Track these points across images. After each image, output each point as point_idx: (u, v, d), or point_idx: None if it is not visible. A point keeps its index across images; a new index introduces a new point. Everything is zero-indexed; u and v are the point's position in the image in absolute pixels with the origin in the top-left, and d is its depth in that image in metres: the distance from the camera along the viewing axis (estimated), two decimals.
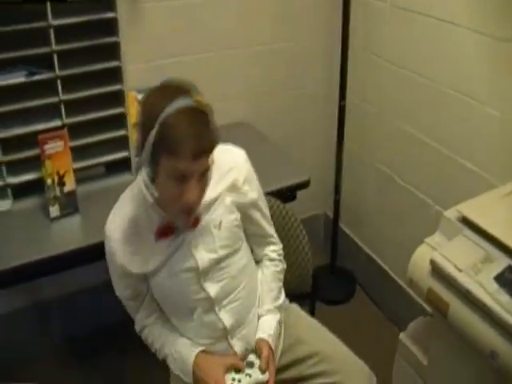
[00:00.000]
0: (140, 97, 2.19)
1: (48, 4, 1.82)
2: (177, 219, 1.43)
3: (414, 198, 2.43)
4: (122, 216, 1.51)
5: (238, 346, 1.60)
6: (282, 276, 1.76)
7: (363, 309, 2.82)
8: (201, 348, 1.57)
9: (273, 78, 2.66)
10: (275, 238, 1.76)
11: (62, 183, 1.89)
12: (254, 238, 1.70)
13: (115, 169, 2.14)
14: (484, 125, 1.99)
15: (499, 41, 1.85)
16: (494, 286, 1.31)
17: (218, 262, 1.54)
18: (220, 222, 1.53)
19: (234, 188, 1.56)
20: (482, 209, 1.53)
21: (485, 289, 1.31)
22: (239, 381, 1.51)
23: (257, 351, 1.59)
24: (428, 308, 1.60)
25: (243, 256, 1.62)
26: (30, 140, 1.88)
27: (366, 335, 2.54)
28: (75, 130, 1.98)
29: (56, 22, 1.86)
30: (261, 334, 1.62)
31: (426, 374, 1.66)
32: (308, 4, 2.60)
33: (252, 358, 1.58)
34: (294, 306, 1.84)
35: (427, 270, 1.47)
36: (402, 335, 1.76)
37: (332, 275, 2.97)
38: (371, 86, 2.58)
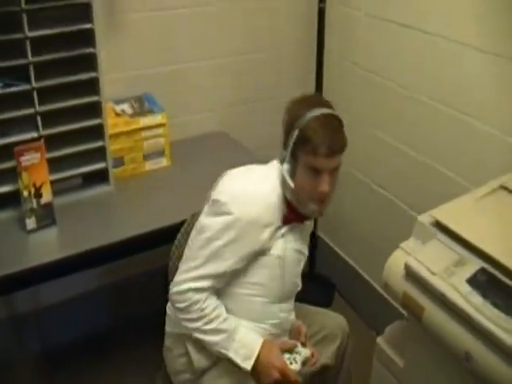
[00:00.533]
0: (117, 108, 2.21)
1: (24, 15, 1.82)
2: (310, 207, 1.58)
3: (389, 204, 2.46)
4: (266, 204, 1.58)
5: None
6: None
7: (342, 314, 2.83)
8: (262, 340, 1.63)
9: (248, 87, 2.68)
10: None
11: (38, 195, 1.88)
12: None
13: (92, 180, 2.13)
14: (457, 131, 2.03)
15: (474, 49, 1.90)
16: (467, 288, 1.33)
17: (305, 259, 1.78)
18: (308, 232, 1.82)
19: None
20: (455, 213, 1.56)
21: (458, 291, 1.33)
22: (294, 359, 1.64)
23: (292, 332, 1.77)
24: (404, 312, 1.62)
25: None
26: (6, 152, 1.86)
27: None
28: (52, 142, 1.97)
29: (32, 34, 1.86)
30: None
31: (403, 377, 1.67)
32: (283, 13, 2.63)
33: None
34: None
35: (402, 275, 1.49)
36: (378, 339, 1.77)
37: (310, 282, 2.97)
38: (347, 93, 2.62)
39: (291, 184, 1.56)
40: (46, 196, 1.90)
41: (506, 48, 1.79)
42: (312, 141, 1.50)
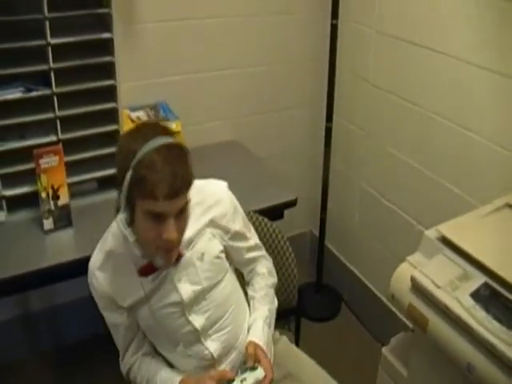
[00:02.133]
0: (133, 115, 2.26)
1: (47, 23, 1.87)
2: (157, 259, 1.41)
3: (397, 218, 2.49)
4: (105, 251, 1.52)
5: (235, 362, 1.63)
6: (272, 290, 1.78)
7: (348, 325, 2.87)
8: (184, 375, 1.56)
9: (262, 98, 2.73)
10: (264, 255, 1.79)
11: (56, 197, 1.92)
12: (241, 264, 1.74)
13: (107, 184, 2.17)
14: (467, 149, 2.06)
15: (479, 67, 1.93)
16: (470, 301, 1.36)
17: (203, 293, 1.55)
18: (202, 254, 1.54)
19: (216, 223, 1.58)
20: (461, 229, 1.59)
21: (461, 305, 1.36)
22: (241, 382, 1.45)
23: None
24: (409, 323, 1.66)
25: (227, 284, 1.63)
26: (26, 154, 1.91)
27: (350, 351, 2.59)
28: (70, 146, 2.01)
29: (54, 41, 1.91)
30: (254, 339, 1.61)
31: None
32: (297, 27, 2.68)
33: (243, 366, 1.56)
34: (285, 339, 1.85)
35: (408, 287, 1.52)
36: (384, 349, 1.81)
37: (318, 293, 3.01)
38: (358, 108, 2.65)
39: (130, 237, 1.38)
40: (63, 198, 1.94)
41: None
42: (148, 181, 1.25)
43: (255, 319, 1.68)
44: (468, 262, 1.47)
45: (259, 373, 1.48)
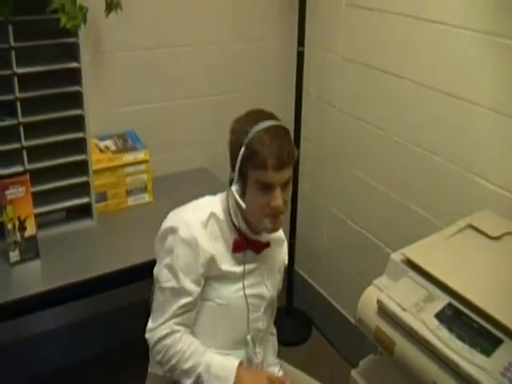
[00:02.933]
0: (101, 144, 2.27)
1: (13, 53, 1.87)
2: (266, 223, 1.52)
3: (365, 241, 2.53)
4: (210, 211, 1.57)
5: None
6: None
7: (319, 349, 2.88)
8: (238, 361, 1.54)
9: (229, 125, 2.74)
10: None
11: (22, 228, 1.90)
12: None
13: (76, 214, 2.16)
14: (432, 172, 2.11)
15: (441, 92, 2.00)
16: (435, 322, 1.39)
17: (273, 300, 1.73)
18: (280, 268, 1.76)
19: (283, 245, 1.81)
20: (425, 251, 1.62)
21: (426, 326, 1.39)
22: None
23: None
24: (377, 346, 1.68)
25: None
26: None
27: (322, 374, 2.57)
28: (37, 176, 2.00)
29: (20, 70, 1.90)
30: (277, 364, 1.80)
31: None
32: (265, 54, 2.73)
33: None
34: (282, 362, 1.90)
35: (374, 310, 1.54)
36: (353, 372, 1.81)
37: (288, 317, 3.02)
38: (325, 133, 2.70)
39: (243, 204, 1.51)
40: (30, 229, 1.92)
41: (475, 95, 1.90)
42: (260, 154, 1.44)
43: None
44: (432, 283, 1.50)
45: None
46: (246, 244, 1.59)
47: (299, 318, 3.04)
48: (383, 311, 1.51)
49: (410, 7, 2.06)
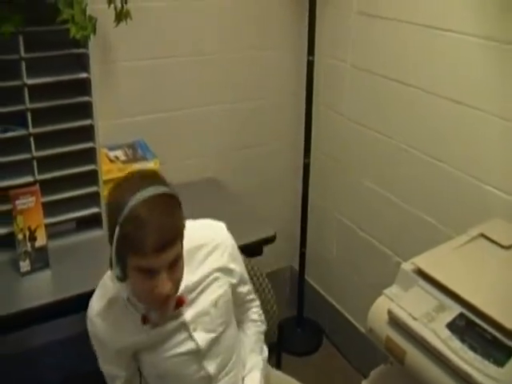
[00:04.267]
0: (111, 154, 2.28)
1: (23, 63, 1.88)
2: (152, 314, 1.41)
3: (374, 250, 2.52)
4: (107, 298, 1.48)
5: None
6: (263, 336, 1.79)
7: (330, 358, 2.86)
8: None
9: (239, 134, 2.76)
10: (254, 297, 1.79)
11: (33, 238, 1.90)
12: (237, 304, 1.70)
13: (86, 225, 2.16)
14: (441, 180, 2.10)
15: (449, 100, 1.99)
16: (447, 332, 1.38)
17: (216, 339, 1.55)
18: (216, 302, 1.54)
19: (222, 268, 1.57)
20: (436, 261, 1.61)
21: (438, 336, 1.38)
22: None
23: None
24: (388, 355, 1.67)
25: (234, 326, 1.67)
26: (2, 195, 1.89)
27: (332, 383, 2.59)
28: (47, 186, 2.00)
29: (30, 81, 1.91)
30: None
31: None
32: (273, 63, 2.73)
33: None
34: (280, 374, 1.89)
35: (385, 320, 1.53)
36: (364, 382, 1.81)
37: (299, 326, 3.01)
38: (334, 142, 2.70)
39: (123, 293, 1.39)
40: (41, 239, 1.92)
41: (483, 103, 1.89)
42: (134, 238, 1.22)
43: (252, 368, 1.69)
44: (443, 293, 1.49)
45: None
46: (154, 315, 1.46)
47: (310, 328, 3.02)
48: (394, 321, 1.50)
49: (420, 16, 2.06)
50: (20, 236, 1.89)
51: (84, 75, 2.02)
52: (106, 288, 1.48)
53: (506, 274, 1.57)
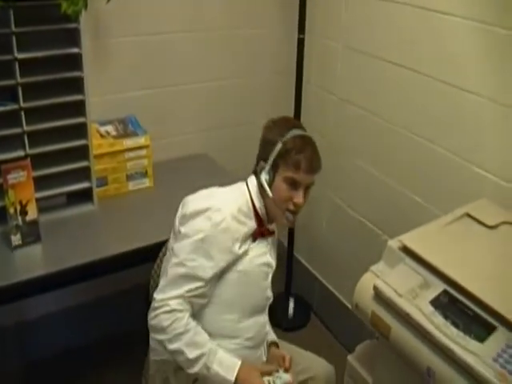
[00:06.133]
0: (102, 129, 2.28)
1: (14, 38, 1.87)
2: (286, 216, 1.70)
3: (363, 228, 2.54)
4: (237, 207, 1.66)
5: (265, 351, 1.84)
6: None
7: (317, 334, 2.91)
8: (240, 361, 1.62)
9: (230, 112, 2.77)
10: None
11: (24, 212, 1.92)
12: None
13: (77, 199, 2.18)
14: (430, 161, 2.12)
15: (442, 82, 2.00)
16: (430, 309, 1.41)
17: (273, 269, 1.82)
18: (274, 244, 1.85)
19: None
20: (422, 239, 1.64)
21: (422, 312, 1.41)
22: (274, 382, 1.66)
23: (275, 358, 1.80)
24: (373, 331, 1.70)
25: None
26: None
27: None
28: (38, 160, 2.01)
29: (21, 56, 1.90)
30: (276, 339, 1.91)
31: None
32: (264, 41, 2.73)
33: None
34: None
35: (371, 296, 1.57)
36: (349, 357, 1.85)
37: (288, 302, 3.05)
38: (325, 121, 2.70)
39: (269, 193, 1.66)
40: (32, 213, 1.93)
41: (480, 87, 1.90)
42: (296, 156, 1.62)
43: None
44: (428, 270, 1.53)
45: (289, 377, 1.68)
46: (261, 232, 1.72)
47: (298, 304, 3.06)
48: (379, 297, 1.54)
49: None
50: (11, 210, 1.90)
51: (75, 50, 2.01)
52: (235, 197, 1.72)
53: (489, 253, 1.60)
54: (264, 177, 1.68)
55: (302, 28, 2.51)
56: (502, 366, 1.26)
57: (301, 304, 3.06)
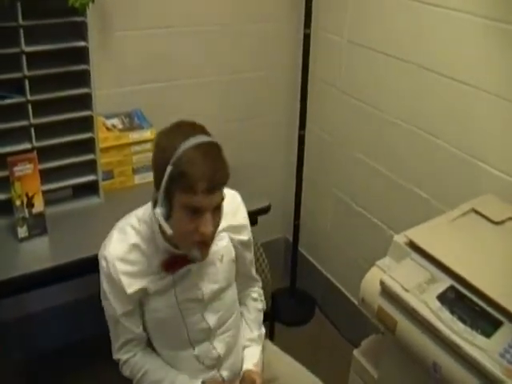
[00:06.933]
0: (108, 122, 2.28)
1: (21, 31, 1.87)
2: (194, 252, 1.46)
3: (368, 223, 2.55)
4: (129, 244, 1.53)
5: (225, 375, 1.68)
6: (262, 314, 1.86)
7: (322, 329, 2.91)
8: (200, 380, 1.62)
9: (236, 106, 2.76)
10: (257, 278, 1.87)
11: (30, 205, 1.92)
12: (241, 277, 1.78)
13: (83, 192, 2.18)
14: (435, 156, 2.12)
15: (444, 76, 2.01)
16: (437, 304, 1.42)
17: (218, 293, 1.63)
18: (222, 256, 1.62)
19: (233, 230, 1.66)
20: (429, 234, 1.65)
21: (428, 307, 1.41)
22: None
23: (245, 381, 1.67)
24: (379, 326, 1.71)
25: (234, 289, 1.73)
26: (0, 162, 1.90)
27: (324, 354, 2.63)
28: (44, 153, 2.01)
29: (28, 49, 1.90)
30: (249, 365, 1.71)
31: None
32: (270, 36, 2.72)
33: None
34: (268, 343, 1.92)
35: (377, 291, 1.57)
36: (355, 351, 1.85)
37: (292, 297, 3.05)
38: (330, 116, 2.70)
39: (168, 231, 1.40)
40: (38, 206, 1.94)
41: (484, 81, 1.90)
42: (189, 176, 1.32)
43: (251, 342, 1.78)
44: (435, 265, 1.53)
45: None
46: (175, 261, 1.54)
47: (302, 299, 3.07)
48: (386, 292, 1.54)
49: None
50: (18, 202, 1.90)
51: (82, 43, 2.00)
52: (127, 234, 1.54)
53: (495, 248, 1.60)
54: (158, 210, 1.39)
55: (307, 23, 2.51)
56: (509, 362, 1.26)
57: (305, 299, 3.07)
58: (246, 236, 1.71)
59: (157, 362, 1.66)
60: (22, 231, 1.93)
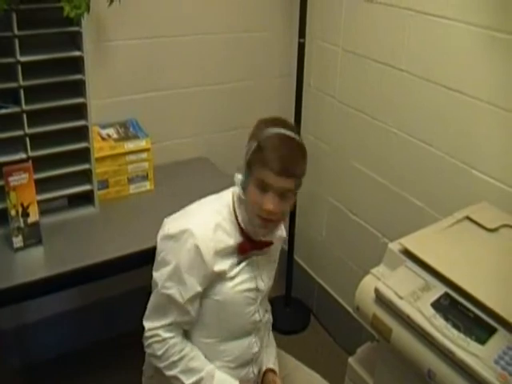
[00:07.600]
0: (103, 132, 2.29)
1: (16, 41, 1.88)
2: (254, 221, 1.55)
3: (363, 231, 2.55)
4: (215, 223, 1.57)
5: (255, 370, 1.76)
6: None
7: (317, 337, 2.91)
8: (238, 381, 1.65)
9: (231, 115, 2.77)
10: None
11: (25, 214, 1.91)
12: None
13: (78, 201, 2.18)
14: (429, 164, 2.13)
15: (438, 85, 2.02)
16: (431, 311, 1.42)
17: (267, 291, 1.74)
18: (275, 260, 1.78)
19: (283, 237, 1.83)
20: (423, 241, 1.65)
21: (423, 314, 1.42)
22: None
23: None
24: (374, 333, 1.71)
25: None
26: None
27: (319, 362, 2.62)
28: (40, 163, 2.01)
29: (23, 59, 1.91)
30: (269, 364, 1.80)
31: None
32: (265, 45, 2.73)
33: None
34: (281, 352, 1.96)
35: (372, 298, 1.57)
36: (350, 359, 1.85)
37: (287, 306, 3.05)
38: (325, 124, 2.71)
39: (242, 195, 1.54)
40: (33, 215, 1.93)
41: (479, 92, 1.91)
42: (267, 153, 1.47)
43: (268, 345, 1.85)
44: (429, 273, 1.53)
45: None
46: (251, 246, 1.62)
47: (298, 307, 3.07)
48: (381, 299, 1.54)
49: (412, 1, 2.07)
50: (13, 212, 1.90)
51: (77, 53, 2.01)
52: (213, 213, 1.60)
53: (489, 255, 1.61)
54: (239, 177, 1.57)
55: (302, 32, 2.53)
56: (503, 368, 1.27)
57: (300, 307, 3.07)
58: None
59: (196, 351, 1.63)
60: (17, 241, 1.92)
